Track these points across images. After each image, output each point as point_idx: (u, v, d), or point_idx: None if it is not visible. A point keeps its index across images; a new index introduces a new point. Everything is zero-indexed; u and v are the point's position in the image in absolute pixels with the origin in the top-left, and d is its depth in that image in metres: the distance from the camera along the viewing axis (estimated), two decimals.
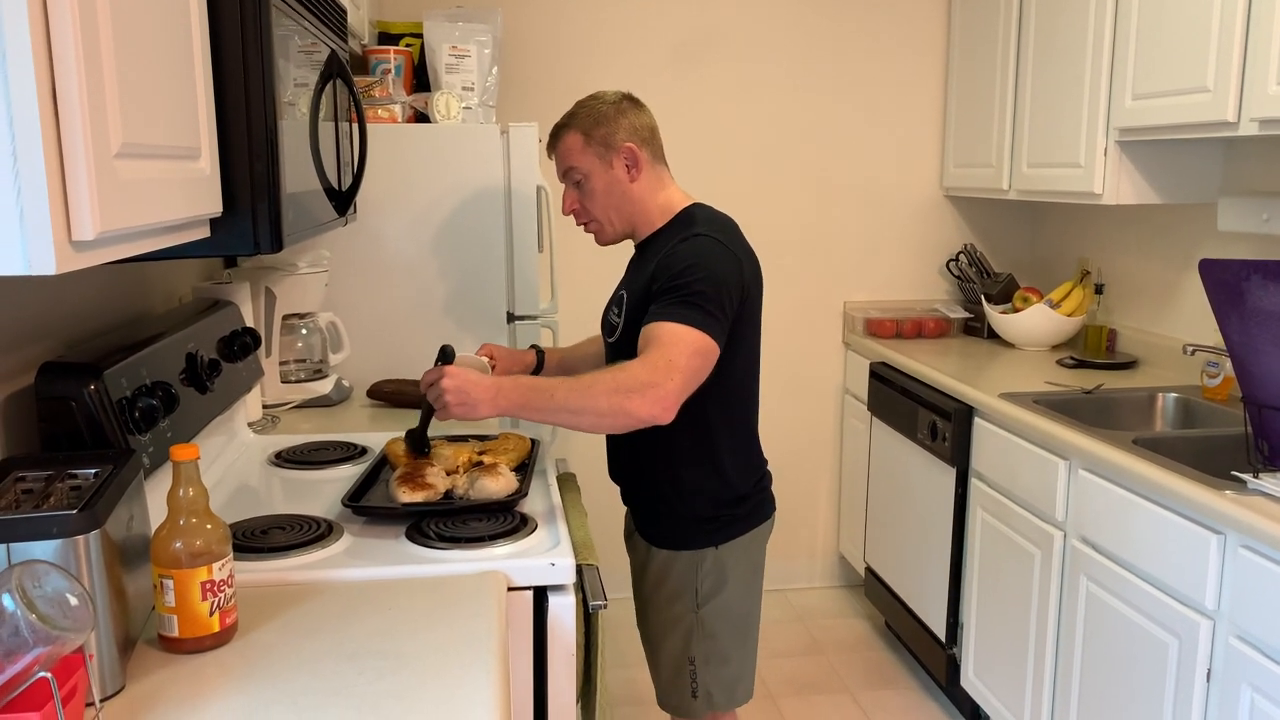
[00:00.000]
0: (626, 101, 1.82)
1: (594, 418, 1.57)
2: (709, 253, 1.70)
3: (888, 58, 3.51)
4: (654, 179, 1.83)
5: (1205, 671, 1.83)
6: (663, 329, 1.62)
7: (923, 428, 2.89)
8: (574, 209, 1.85)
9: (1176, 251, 2.88)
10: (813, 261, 3.60)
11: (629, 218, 1.84)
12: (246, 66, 1.26)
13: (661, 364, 1.58)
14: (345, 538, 1.55)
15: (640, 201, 1.82)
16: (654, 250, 1.80)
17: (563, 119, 1.83)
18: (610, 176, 1.80)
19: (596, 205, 1.82)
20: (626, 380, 1.57)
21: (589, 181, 1.81)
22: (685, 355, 1.60)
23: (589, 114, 1.80)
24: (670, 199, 1.84)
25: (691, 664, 1.84)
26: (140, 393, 1.44)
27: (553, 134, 1.85)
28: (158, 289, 2.03)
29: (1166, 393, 2.62)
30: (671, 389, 1.57)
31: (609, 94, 1.83)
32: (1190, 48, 2.27)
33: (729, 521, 1.84)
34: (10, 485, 1.17)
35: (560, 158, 1.84)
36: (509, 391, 1.59)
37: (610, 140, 1.78)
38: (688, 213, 1.82)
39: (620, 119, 1.79)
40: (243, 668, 1.16)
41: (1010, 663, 2.51)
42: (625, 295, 1.83)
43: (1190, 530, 1.86)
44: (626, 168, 1.80)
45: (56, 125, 0.82)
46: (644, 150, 1.80)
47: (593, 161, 1.79)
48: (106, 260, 0.92)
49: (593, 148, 1.79)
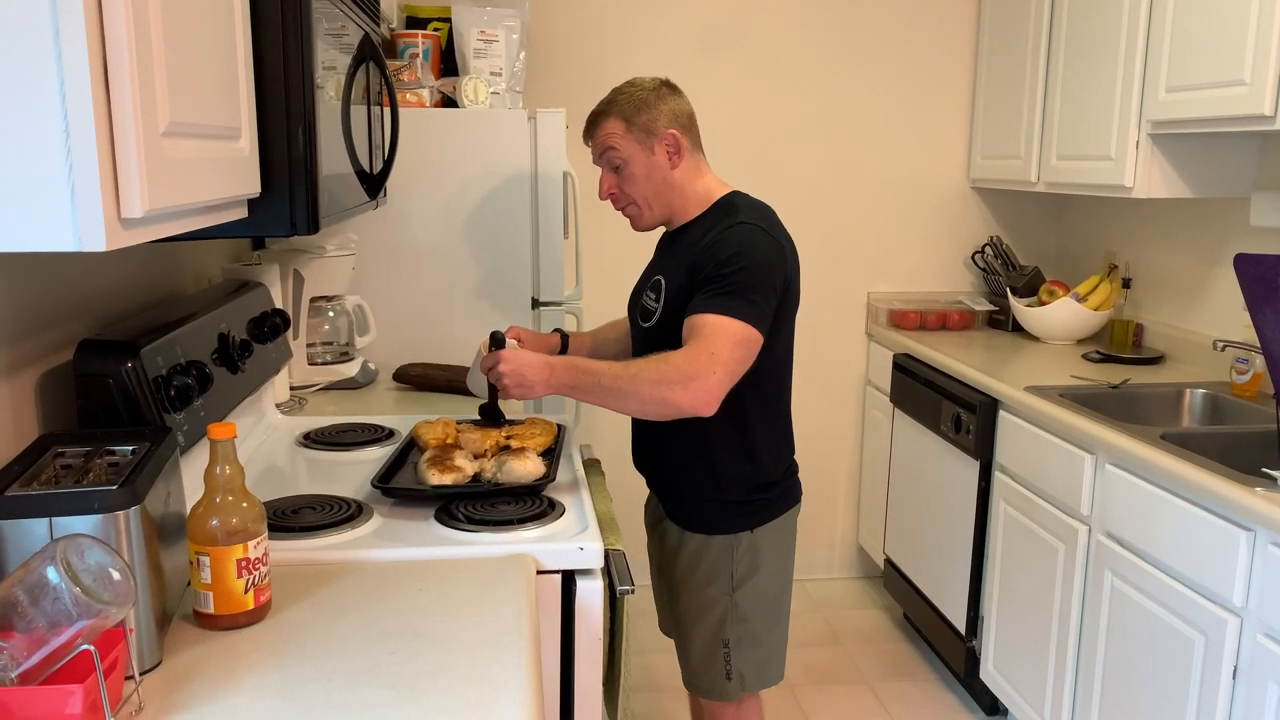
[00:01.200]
0: (665, 88, 1.81)
1: (638, 404, 1.62)
2: (754, 241, 1.70)
3: (916, 46, 3.49)
4: (693, 166, 1.83)
5: (1232, 669, 1.83)
6: (706, 320, 1.63)
7: (946, 420, 2.88)
8: (612, 193, 1.84)
9: (1206, 246, 2.85)
10: (836, 251, 3.58)
11: (668, 203, 1.83)
12: (286, 47, 1.26)
13: (704, 356, 1.60)
14: (375, 519, 1.56)
15: (680, 188, 1.82)
16: (693, 237, 1.80)
17: (601, 105, 1.82)
18: (651, 162, 1.79)
19: (636, 190, 1.82)
20: (669, 372, 1.59)
21: (629, 166, 1.80)
22: (729, 347, 1.61)
23: (630, 100, 1.78)
24: (709, 186, 1.84)
25: (725, 647, 1.85)
26: (175, 371, 1.45)
27: (591, 119, 1.83)
28: (188, 269, 2.04)
29: (1194, 388, 2.60)
30: (715, 382, 1.59)
31: (647, 80, 1.82)
32: (1226, 40, 2.24)
33: (763, 505, 1.85)
34: (50, 461, 1.18)
35: (599, 142, 1.82)
36: (561, 373, 1.64)
37: (652, 126, 1.78)
38: (728, 200, 1.82)
39: (661, 104, 1.78)
40: (277, 645, 1.17)
41: (1031, 656, 2.50)
42: (663, 281, 1.83)
43: (1219, 527, 1.85)
44: (668, 154, 1.79)
45: (108, 103, 0.83)
46: (685, 137, 1.80)
47: (634, 147, 1.78)
48: (152, 239, 0.93)
49: (634, 133, 1.78)
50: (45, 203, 0.81)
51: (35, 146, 0.80)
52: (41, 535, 1.04)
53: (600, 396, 1.63)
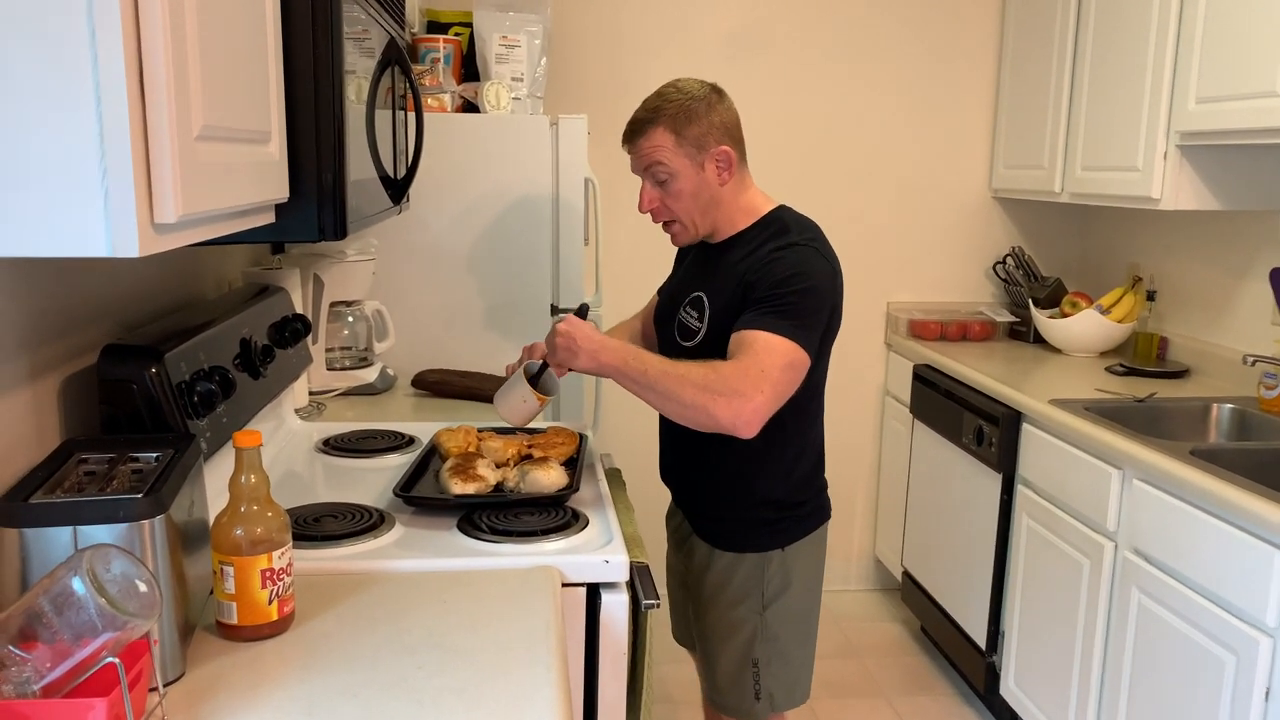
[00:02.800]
0: (715, 93, 1.70)
1: (678, 407, 1.57)
2: (810, 264, 1.64)
3: (939, 54, 3.46)
4: (739, 180, 1.74)
5: (1264, 690, 1.79)
6: (759, 337, 1.57)
7: (968, 432, 2.84)
8: (654, 207, 1.74)
9: (1233, 259, 2.82)
10: (856, 260, 3.55)
11: (713, 220, 1.75)
12: (316, 50, 1.25)
13: (754, 371, 1.54)
14: (397, 528, 1.54)
15: (726, 204, 1.73)
16: (738, 254, 1.72)
17: (645, 111, 1.70)
18: (700, 179, 1.69)
19: (681, 206, 1.72)
20: (717, 381, 1.54)
21: (675, 182, 1.69)
22: (779, 367, 1.56)
23: (679, 109, 1.66)
24: (753, 201, 1.76)
25: (755, 666, 1.81)
26: (198, 377, 1.44)
27: (635, 126, 1.71)
28: (209, 273, 2.03)
29: (1222, 403, 2.57)
30: (761, 402, 1.53)
31: (693, 84, 1.70)
32: (1258, 51, 2.21)
33: (793, 523, 1.81)
34: (73, 467, 1.17)
35: (644, 154, 1.70)
36: (610, 353, 1.61)
37: (704, 141, 1.67)
38: (777, 217, 1.74)
39: (712, 115, 1.67)
40: (302, 657, 1.15)
41: (1054, 673, 2.47)
42: (704, 298, 1.75)
43: (1252, 545, 1.81)
44: (719, 170, 1.70)
45: (143, 105, 0.81)
46: (736, 150, 1.71)
47: (683, 162, 1.68)
48: (184, 244, 0.91)
49: (684, 148, 1.67)
50: (78, 207, 0.79)
51: (69, 150, 0.79)
52: (65, 544, 1.02)
53: (643, 389, 1.58)
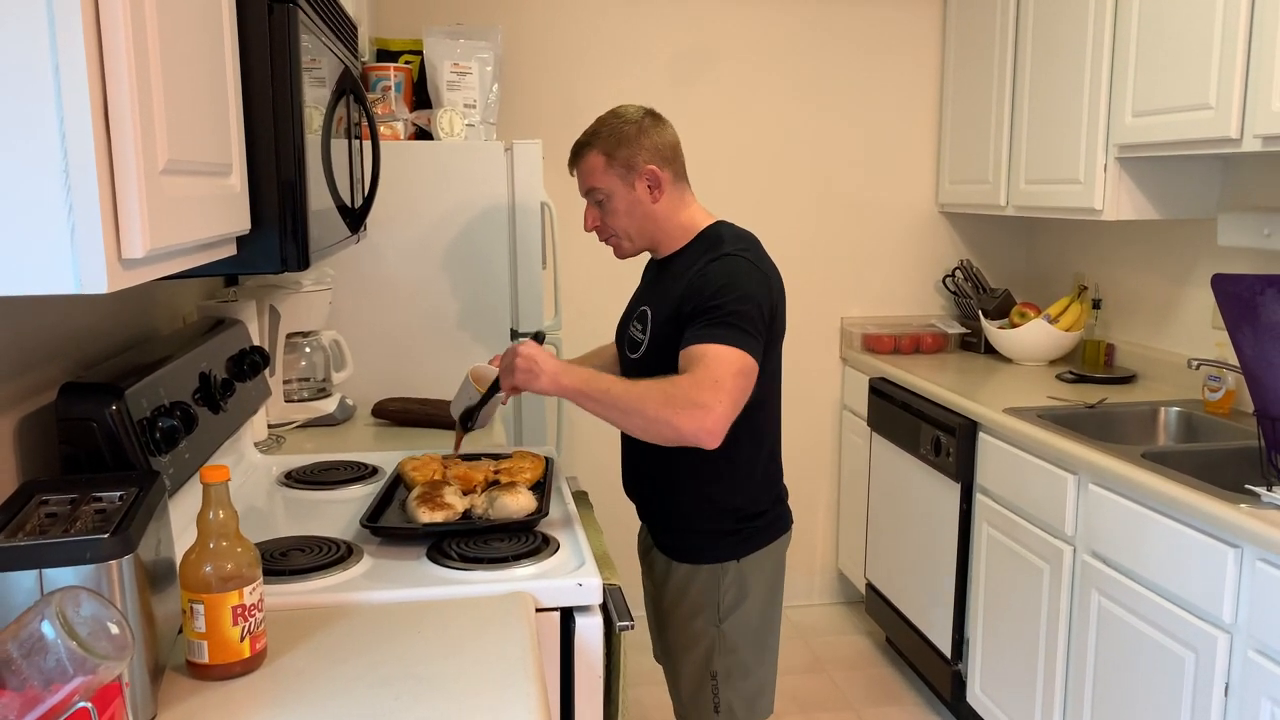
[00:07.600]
0: (649, 119, 1.81)
1: (641, 422, 1.60)
2: (741, 272, 1.70)
3: (883, 74, 3.53)
4: (676, 198, 1.83)
5: (1224, 685, 1.83)
6: (707, 350, 1.62)
7: (926, 443, 2.89)
8: (595, 226, 1.85)
9: (1173, 266, 2.90)
10: (809, 276, 3.60)
11: (650, 235, 1.84)
12: (275, 81, 1.24)
13: (708, 382, 1.58)
14: (366, 559, 1.52)
15: (663, 220, 1.82)
16: (679, 268, 1.80)
17: (584, 136, 1.82)
18: (632, 197, 1.80)
19: (619, 223, 1.82)
20: (676, 394, 1.57)
21: (611, 201, 1.81)
22: (730, 375, 1.60)
23: (611, 133, 1.79)
24: (693, 217, 1.85)
25: (713, 679, 1.83)
26: (159, 413, 1.41)
27: (575, 151, 1.84)
28: (163, 308, 2.00)
29: (1169, 407, 2.64)
30: (721, 413, 1.57)
31: (631, 111, 1.82)
32: (1192, 65, 2.29)
33: (750, 534, 1.83)
34: (34, 509, 1.14)
35: (582, 176, 1.83)
36: (571, 375, 1.64)
37: (632, 162, 1.78)
38: (713, 231, 1.82)
39: (642, 139, 1.78)
40: (276, 694, 1.13)
41: (1019, 678, 2.50)
42: (649, 312, 1.82)
43: (1206, 544, 1.86)
44: (649, 189, 1.80)
45: (108, 140, 0.80)
46: (666, 170, 1.80)
47: (614, 182, 1.79)
48: (150, 279, 0.90)
49: (615, 169, 1.78)
50: (44, 244, 0.78)
51: (34, 186, 0.78)
52: (30, 588, 1.00)
53: (605, 408, 1.61)
